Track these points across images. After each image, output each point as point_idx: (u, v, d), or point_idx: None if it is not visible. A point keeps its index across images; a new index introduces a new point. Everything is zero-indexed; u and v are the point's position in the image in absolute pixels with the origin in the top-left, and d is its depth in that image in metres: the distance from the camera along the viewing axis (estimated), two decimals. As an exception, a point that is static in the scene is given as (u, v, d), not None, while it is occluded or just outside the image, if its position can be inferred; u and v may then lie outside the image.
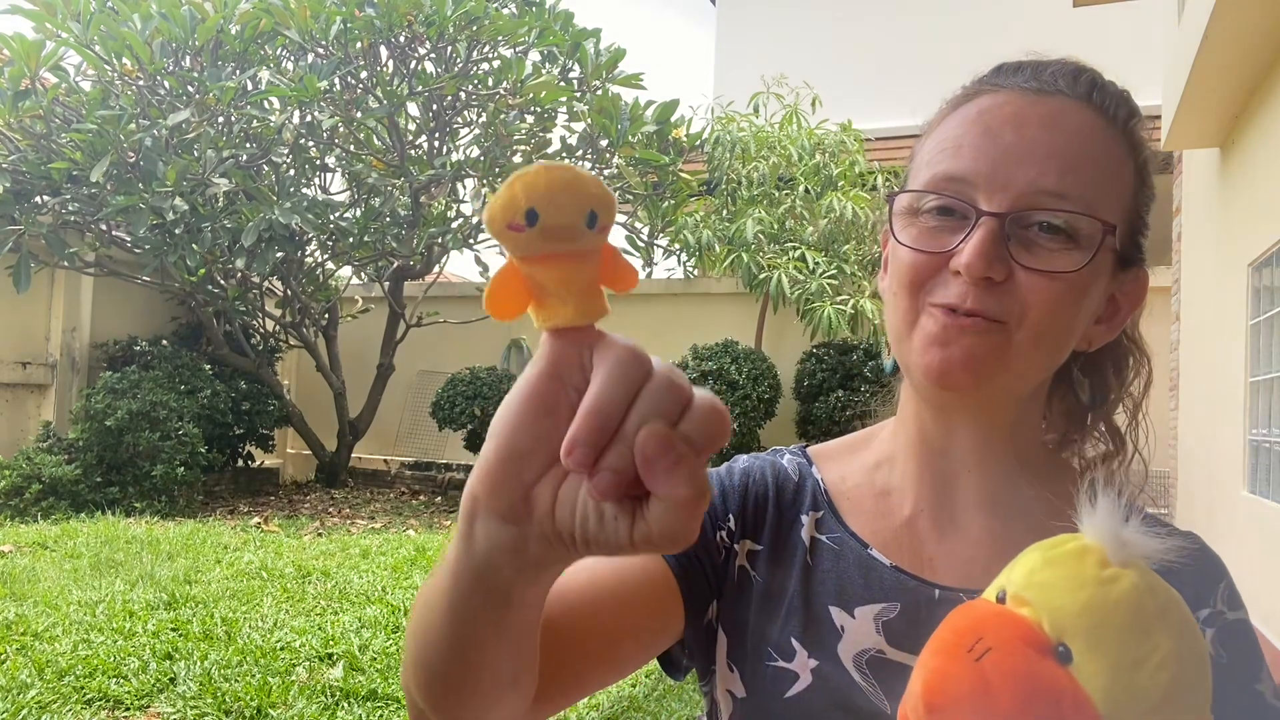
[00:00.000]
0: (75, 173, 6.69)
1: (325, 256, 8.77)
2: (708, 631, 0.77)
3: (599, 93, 7.85)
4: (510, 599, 0.47)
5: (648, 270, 9.03)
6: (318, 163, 8.18)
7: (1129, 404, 0.80)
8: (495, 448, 0.42)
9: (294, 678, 3.52)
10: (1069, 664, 0.47)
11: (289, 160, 7.65)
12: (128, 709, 3.23)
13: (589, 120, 7.91)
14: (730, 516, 0.79)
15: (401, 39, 7.42)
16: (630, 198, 8.55)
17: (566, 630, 0.64)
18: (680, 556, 0.73)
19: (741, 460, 0.84)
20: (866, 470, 0.80)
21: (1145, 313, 0.80)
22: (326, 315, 9.17)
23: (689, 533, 0.39)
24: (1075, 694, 0.46)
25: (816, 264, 7.79)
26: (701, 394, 0.39)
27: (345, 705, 3.31)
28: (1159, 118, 5.94)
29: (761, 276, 7.81)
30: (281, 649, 3.82)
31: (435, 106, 8.16)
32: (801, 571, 0.75)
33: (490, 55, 7.93)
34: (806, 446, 0.85)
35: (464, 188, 8.36)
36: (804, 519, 0.78)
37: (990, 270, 0.65)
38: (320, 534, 6.76)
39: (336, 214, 7.95)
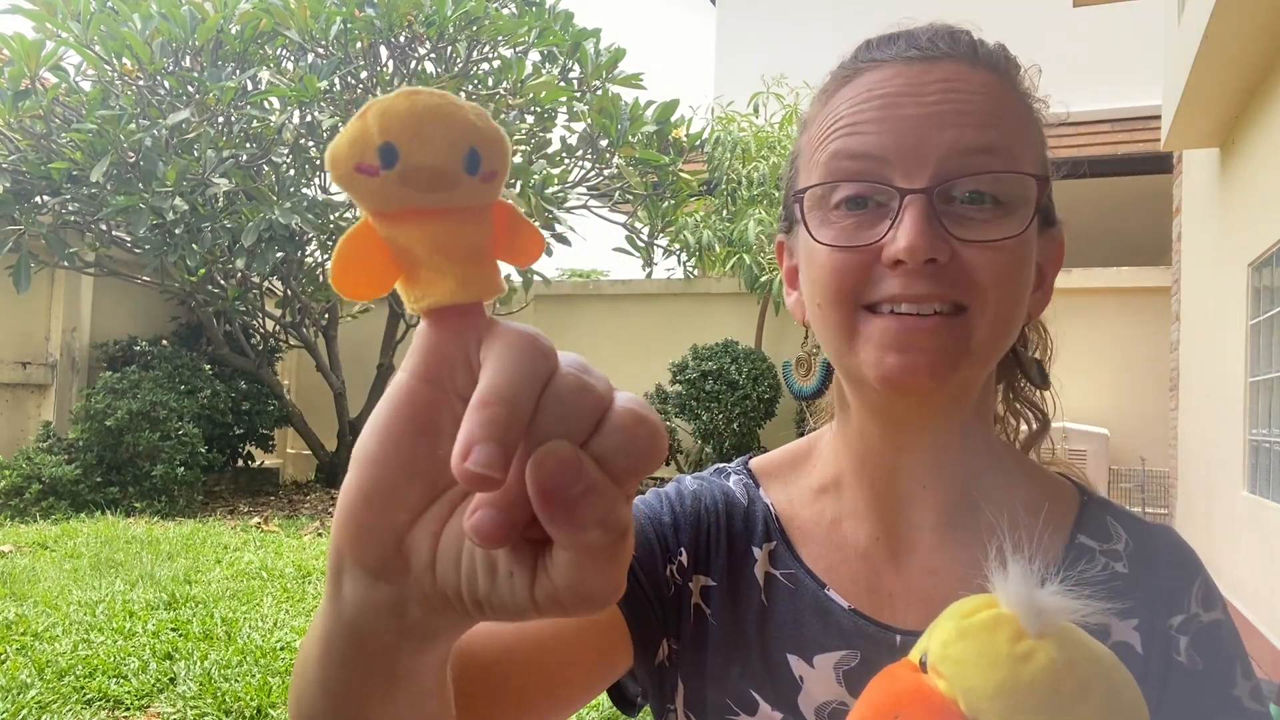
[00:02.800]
0: (75, 173, 6.69)
1: (325, 256, 8.76)
2: (659, 671, 0.71)
3: (599, 93, 7.85)
4: (395, 671, 0.37)
5: (648, 270, 9.03)
6: (318, 163, 8.18)
7: (1033, 376, 0.77)
8: (358, 481, 0.32)
9: (294, 678, 3.52)
10: None
11: (289, 160, 7.65)
12: (128, 709, 3.23)
13: (589, 120, 7.92)
14: (682, 550, 0.71)
15: (401, 39, 7.43)
16: (630, 198, 8.55)
17: (503, 673, 0.58)
18: (626, 596, 0.65)
19: (688, 482, 0.76)
20: (813, 494, 0.74)
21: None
22: (326, 315, 9.17)
23: (609, 588, 0.30)
24: None
25: (816, 264, 7.79)
26: (624, 399, 0.30)
27: (345, 705, 3.31)
28: (1159, 118, 5.95)
29: (763, 278, 7.81)
30: (281, 649, 3.82)
31: (435, 106, 8.15)
32: (758, 613, 0.70)
33: (490, 55, 7.93)
34: (748, 461, 0.79)
35: (464, 188, 8.34)
36: (757, 552, 0.72)
37: (934, 250, 0.59)
38: (320, 534, 6.76)
39: (336, 214, 7.95)
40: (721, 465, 0.79)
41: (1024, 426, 0.80)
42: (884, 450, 0.69)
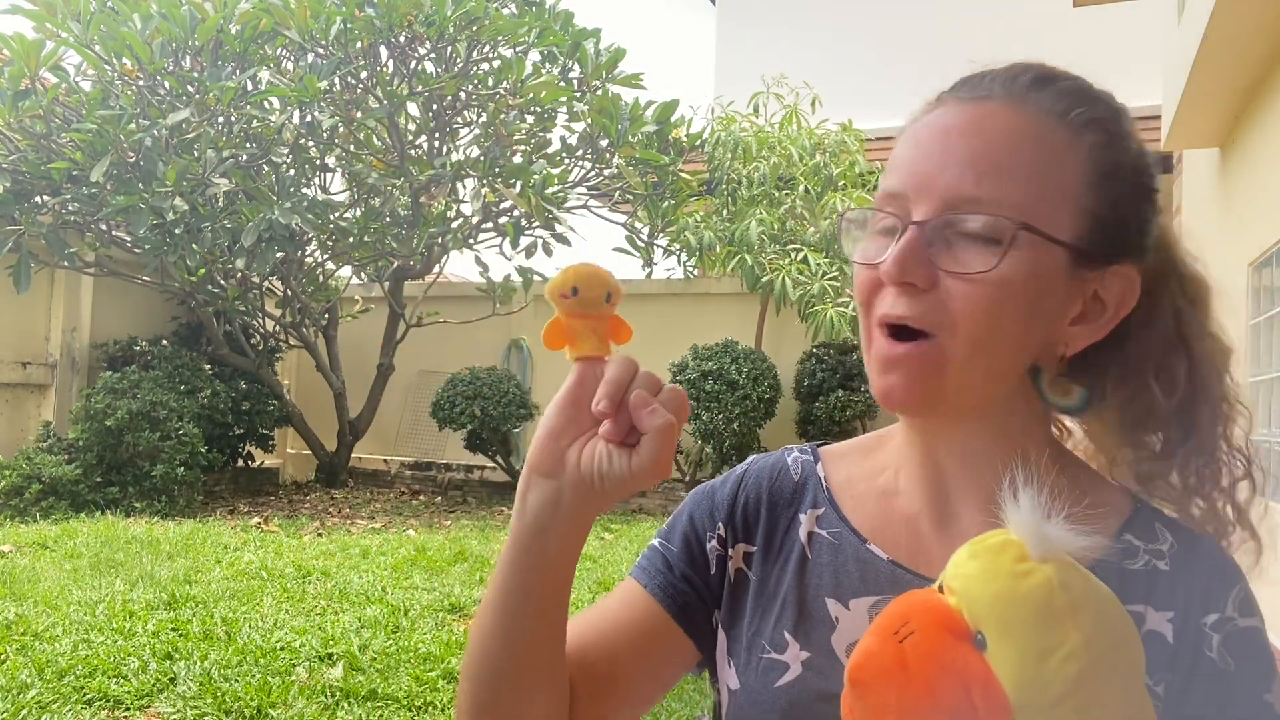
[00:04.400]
0: (75, 173, 6.69)
1: (325, 256, 8.76)
2: (714, 637, 0.82)
3: (599, 93, 7.85)
4: (551, 554, 0.65)
5: (648, 270, 9.03)
6: (318, 163, 8.18)
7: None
8: (543, 427, 0.64)
9: (294, 678, 3.52)
10: (984, 650, 0.50)
11: (289, 160, 7.65)
12: (128, 709, 3.23)
13: (589, 120, 7.91)
14: (720, 525, 0.83)
15: (401, 39, 7.42)
16: (630, 198, 8.55)
17: (592, 686, 0.75)
18: (672, 596, 0.80)
19: (740, 467, 0.87)
20: (874, 473, 0.81)
21: (1213, 312, 0.77)
22: (326, 315, 9.17)
23: (665, 461, 0.61)
24: (985, 678, 0.49)
25: (818, 265, 7.79)
26: (670, 385, 0.63)
27: (345, 705, 3.31)
28: (1159, 118, 5.94)
29: (765, 279, 7.81)
30: (281, 649, 3.82)
31: (435, 106, 8.15)
32: (798, 566, 0.78)
33: (490, 55, 7.92)
34: (821, 445, 0.87)
35: (464, 188, 8.35)
36: (803, 516, 0.80)
37: (907, 274, 0.66)
38: (320, 534, 6.76)
39: (336, 214, 7.95)
40: (789, 446, 0.89)
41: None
42: (922, 440, 0.76)
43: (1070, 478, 0.75)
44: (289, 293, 8.60)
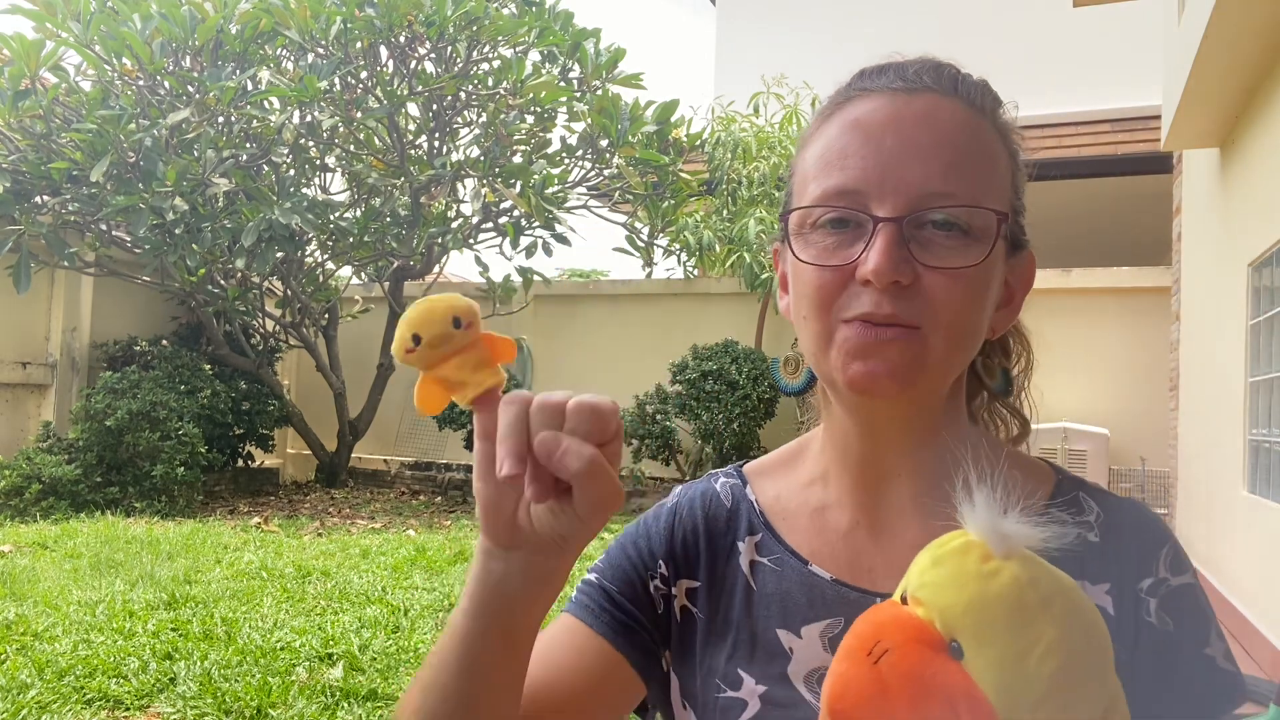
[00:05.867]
0: (75, 173, 6.69)
1: (325, 256, 8.77)
2: (665, 680, 0.79)
3: (599, 93, 7.85)
4: (515, 619, 0.61)
5: (648, 270, 9.03)
6: (318, 163, 8.18)
7: (993, 386, 0.83)
8: (480, 499, 0.58)
9: (294, 678, 3.52)
10: (962, 660, 0.49)
11: (289, 160, 7.65)
12: (128, 709, 3.23)
13: (589, 120, 7.92)
14: (660, 563, 0.80)
15: (401, 39, 7.42)
16: (630, 198, 8.55)
17: (555, 707, 0.72)
18: (618, 632, 0.77)
19: (670, 499, 0.85)
20: (801, 488, 0.80)
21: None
22: (326, 315, 9.17)
23: (609, 494, 0.54)
24: (968, 689, 0.48)
25: (817, 264, 7.79)
26: (580, 398, 0.54)
27: (345, 705, 3.31)
28: (1159, 118, 5.95)
29: (764, 278, 7.81)
30: (281, 649, 3.82)
31: (435, 106, 8.15)
32: (744, 598, 0.76)
33: (490, 55, 7.93)
34: (743, 465, 0.86)
35: (464, 188, 8.35)
36: (741, 545, 0.79)
37: (897, 273, 0.65)
38: (320, 534, 6.76)
39: (336, 214, 7.95)
40: (715, 471, 0.86)
41: (1007, 432, 0.86)
42: (861, 445, 0.75)
43: (999, 457, 0.77)
44: (289, 293, 8.60)
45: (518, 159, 8.11)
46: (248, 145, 7.44)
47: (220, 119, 7.22)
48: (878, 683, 0.49)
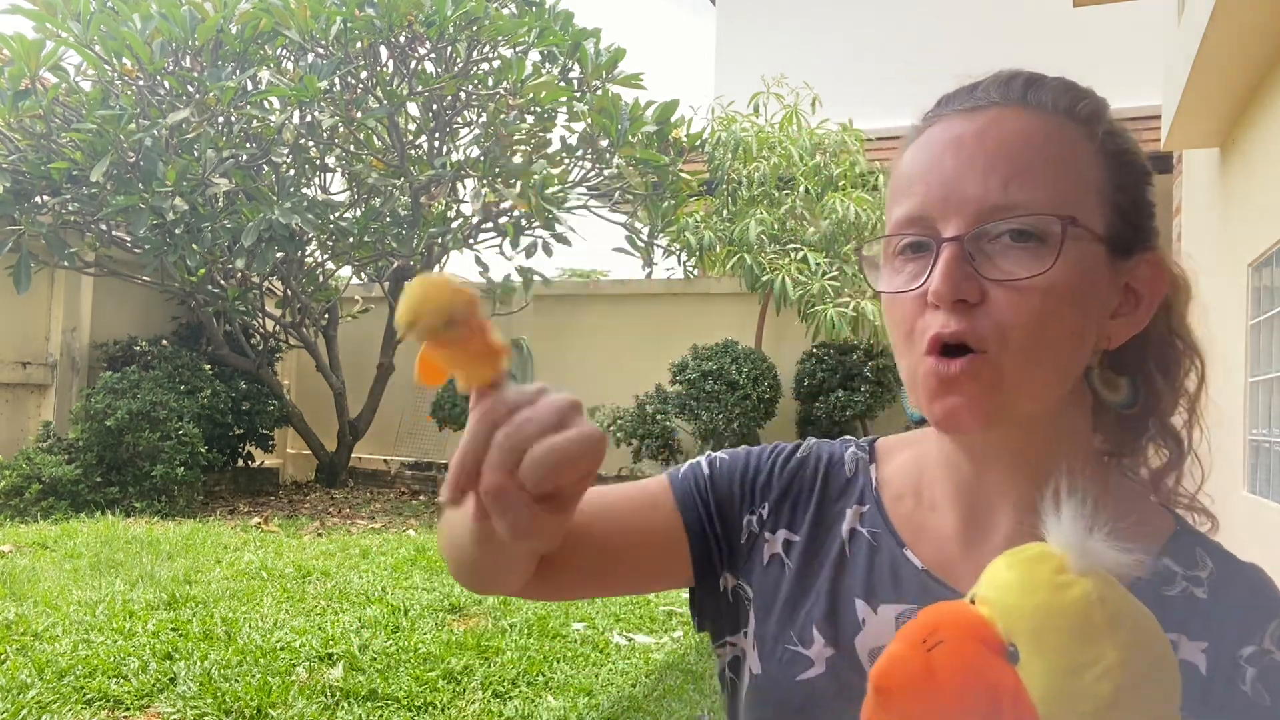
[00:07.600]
0: (75, 173, 6.69)
1: (325, 256, 8.76)
2: (725, 601, 0.82)
3: (599, 93, 7.85)
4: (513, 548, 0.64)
5: (648, 270, 9.03)
6: (318, 163, 8.18)
7: (1185, 405, 0.77)
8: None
9: (294, 678, 3.52)
10: (1016, 664, 0.49)
11: (289, 160, 7.65)
12: (128, 709, 3.23)
13: (589, 120, 7.91)
14: (765, 505, 0.82)
15: (401, 39, 7.42)
16: (630, 198, 8.54)
17: (578, 541, 0.74)
18: (696, 519, 0.80)
19: (801, 451, 0.85)
20: (917, 476, 0.80)
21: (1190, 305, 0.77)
22: (326, 315, 9.17)
23: (523, 521, 0.51)
24: (1016, 692, 0.48)
25: (818, 265, 7.79)
26: (552, 442, 0.50)
27: (345, 705, 3.31)
28: (1159, 118, 5.95)
29: (765, 278, 7.81)
30: (281, 649, 3.82)
31: (435, 106, 8.15)
32: (836, 561, 0.78)
33: (490, 55, 7.92)
34: (876, 439, 0.87)
35: (464, 188, 8.35)
36: (849, 513, 0.80)
37: (959, 291, 0.64)
38: (320, 534, 6.76)
39: (336, 214, 7.95)
40: (848, 438, 0.87)
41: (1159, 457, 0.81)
42: (965, 465, 0.74)
43: (1114, 492, 0.75)
44: (289, 293, 8.60)
45: (518, 159, 8.10)
46: (248, 145, 7.44)
47: (220, 119, 7.21)
48: (926, 669, 0.50)
